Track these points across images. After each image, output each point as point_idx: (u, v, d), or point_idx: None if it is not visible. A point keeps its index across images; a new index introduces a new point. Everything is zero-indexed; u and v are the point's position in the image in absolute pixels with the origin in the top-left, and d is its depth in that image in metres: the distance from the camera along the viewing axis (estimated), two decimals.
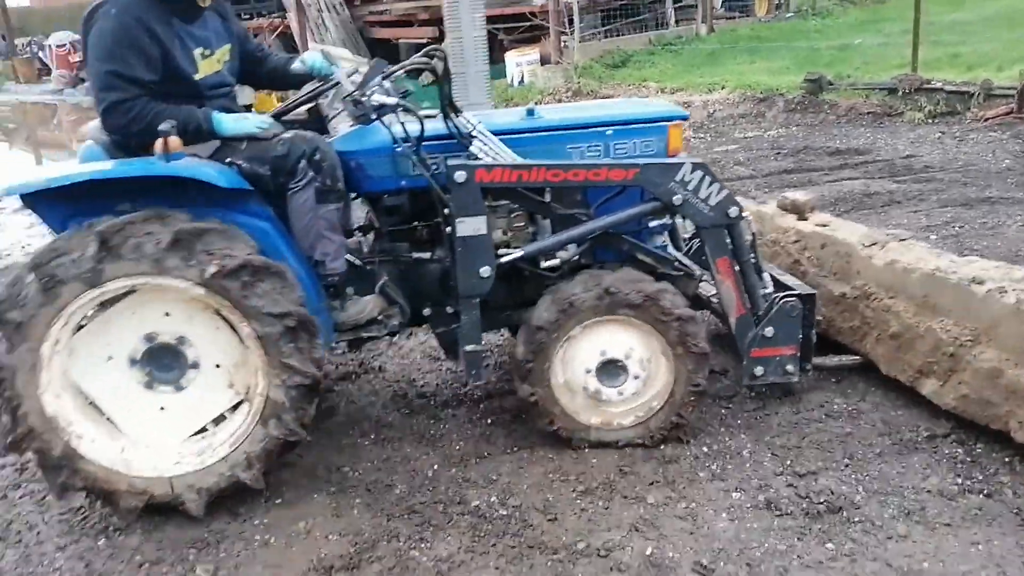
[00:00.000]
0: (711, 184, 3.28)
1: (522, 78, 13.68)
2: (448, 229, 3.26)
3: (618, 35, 15.05)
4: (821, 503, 2.93)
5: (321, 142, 3.22)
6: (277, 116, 3.54)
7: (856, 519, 2.85)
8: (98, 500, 3.10)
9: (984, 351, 3.20)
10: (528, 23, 14.16)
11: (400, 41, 15.55)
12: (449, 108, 3.28)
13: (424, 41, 13.62)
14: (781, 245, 4.26)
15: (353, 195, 3.47)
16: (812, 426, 3.47)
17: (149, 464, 3.04)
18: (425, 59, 3.28)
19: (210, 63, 3.21)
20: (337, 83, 3.37)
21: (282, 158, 3.13)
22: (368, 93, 3.10)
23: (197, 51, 3.15)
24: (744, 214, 3.40)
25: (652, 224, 3.55)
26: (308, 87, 3.64)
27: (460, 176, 3.15)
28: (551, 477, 3.20)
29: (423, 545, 2.87)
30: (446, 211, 3.24)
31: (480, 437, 3.55)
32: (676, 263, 3.55)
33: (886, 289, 3.67)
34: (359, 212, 3.67)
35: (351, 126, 3.36)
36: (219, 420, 3.13)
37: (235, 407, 3.11)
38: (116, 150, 3.14)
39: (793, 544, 2.76)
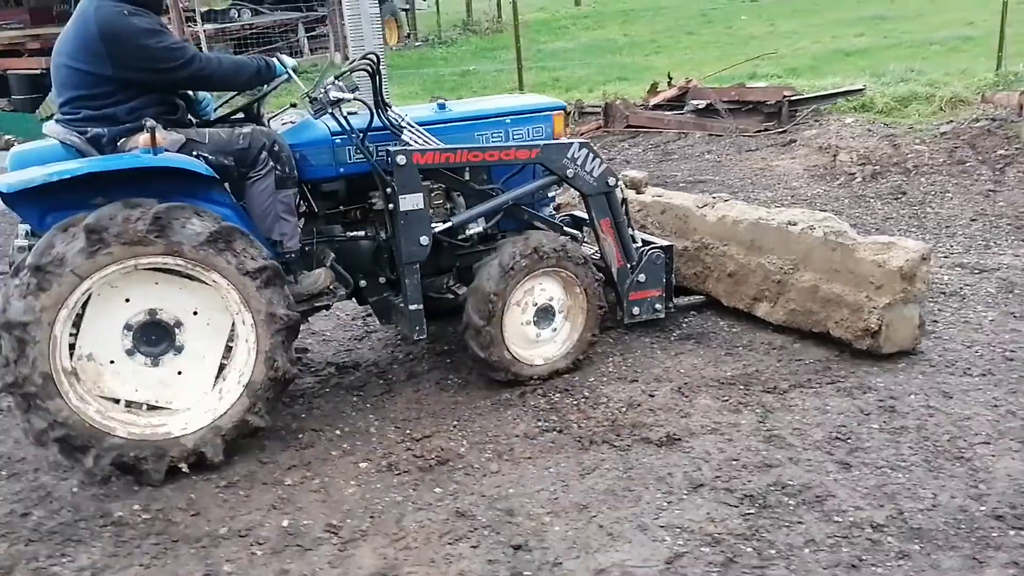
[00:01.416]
0: (594, 159, 4.15)
1: None
2: (391, 206, 3.82)
3: None
4: (433, 458, 3.49)
5: (277, 135, 3.71)
6: (222, 118, 3.96)
7: (460, 466, 3.45)
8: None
9: (803, 275, 4.28)
10: None
11: (8, 72, 14.06)
12: (381, 104, 3.86)
13: (38, 72, 12.60)
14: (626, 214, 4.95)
15: None
16: (430, 399, 4.06)
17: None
18: (365, 61, 3.86)
19: None
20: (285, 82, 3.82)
21: (244, 150, 3.58)
22: (324, 90, 3.62)
23: None
24: (619, 183, 4.23)
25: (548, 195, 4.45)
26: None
27: (401, 159, 3.74)
28: (194, 478, 3.41)
29: (64, 560, 2.96)
30: (388, 191, 3.80)
31: None
32: (563, 228, 4.38)
33: (720, 239, 4.70)
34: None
35: (285, 124, 3.96)
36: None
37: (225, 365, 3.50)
38: (86, 146, 3.40)
39: (409, 494, 3.27)
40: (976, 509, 2.92)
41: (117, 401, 3.36)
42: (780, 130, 9.33)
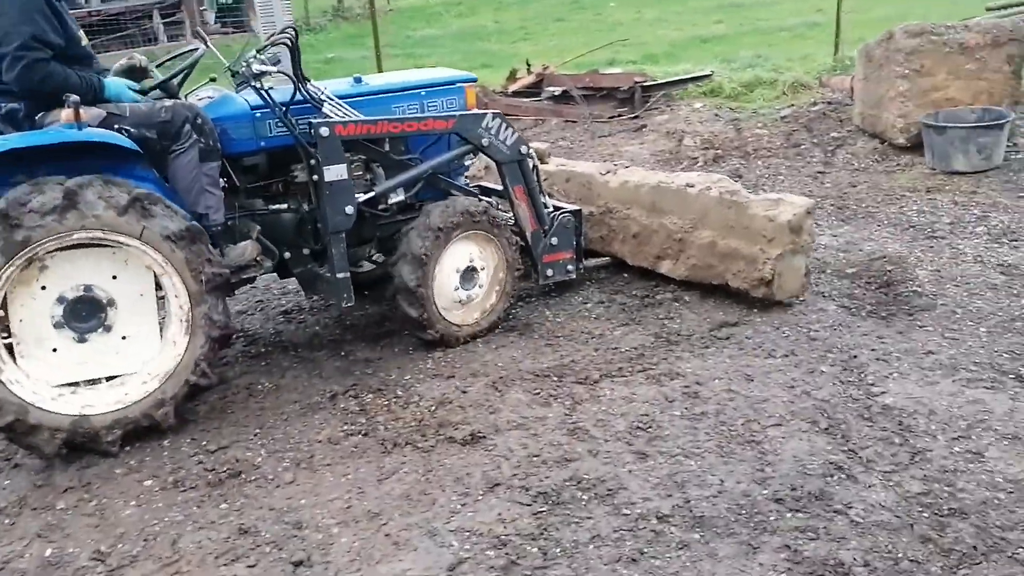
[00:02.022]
0: (507, 129, 4.31)
1: None
2: (315, 178, 3.89)
3: (106, 51, 14.28)
4: (224, 471, 3.31)
5: (199, 108, 3.68)
6: (140, 93, 3.82)
7: (252, 478, 3.28)
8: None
9: (702, 232, 4.56)
10: None
11: None
12: (301, 77, 3.89)
13: None
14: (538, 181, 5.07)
15: None
16: (235, 407, 3.85)
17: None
18: (284, 35, 3.93)
19: (82, 34, 3.66)
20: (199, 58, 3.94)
21: (167, 123, 3.56)
22: (246, 64, 3.71)
23: (75, 23, 3.60)
24: (531, 151, 4.40)
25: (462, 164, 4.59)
26: (178, 64, 4.02)
27: (324, 131, 3.80)
28: None
29: None
30: (312, 162, 3.86)
31: None
32: (478, 196, 4.49)
33: (623, 203, 4.93)
34: None
35: (202, 100, 3.93)
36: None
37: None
38: (2, 124, 3.43)
39: (192, 512, 3.08)
40: (759, 493, 2.96)
41: (68, 384, 3.42)
42: (633, 115, 9.43)
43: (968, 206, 5.84)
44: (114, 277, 3.44)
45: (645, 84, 9.67)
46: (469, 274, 4.27)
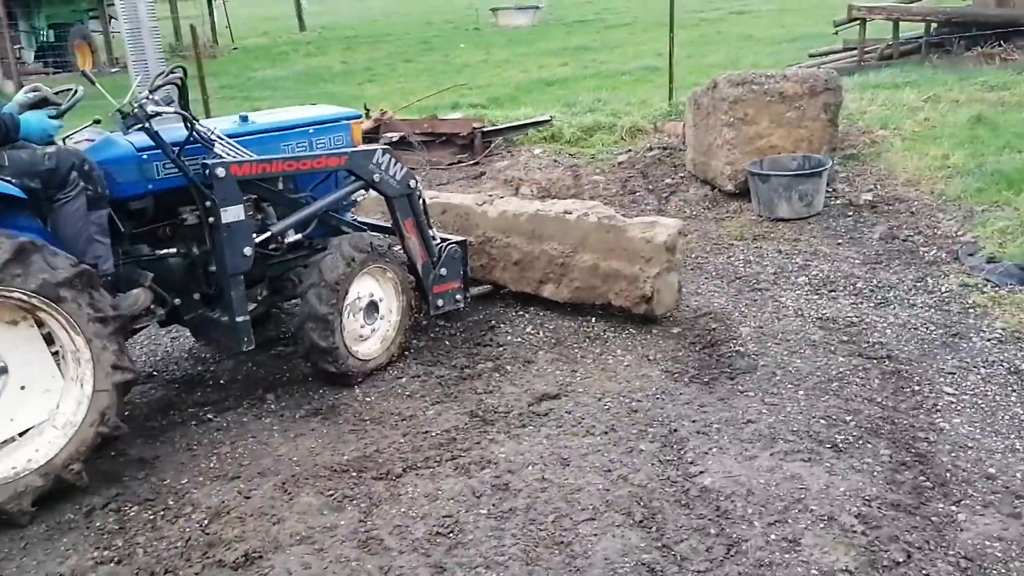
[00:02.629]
0: (396, 164, 4.32)
1: None
2: (211, 219, 3.77)
3: None
4: None
5: (85, 153, 3.51)
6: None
7: None
8: None
9: (583, 255, 4.80)
10: None
11: None
12: (190, 117, 3.75)
13: None
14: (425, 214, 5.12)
15: None
16: None
17: None
18: (175, 75, 3.82)
19: None
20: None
21: (52, 171, 3.33)
22: (138, 104, 3.54)
23: None
24: (419, 184, 4.44)
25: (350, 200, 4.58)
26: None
27: (220, 171, 3.69)
28: None
29: None
30: (208, 204, 3.72)
31: None
32: (367, 232, 4.46)
33: (502, 232, 5.11)
34: None
35: (80, 143, 3.74)
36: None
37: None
38: None
39: None
40: None
41: None
42: (472, 162, 9.21)
43: (791, 254, 5.86)
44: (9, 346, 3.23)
45: (485, 130, 9.48)
46: (371, 308, 4.29)
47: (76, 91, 3.75)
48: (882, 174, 7.34)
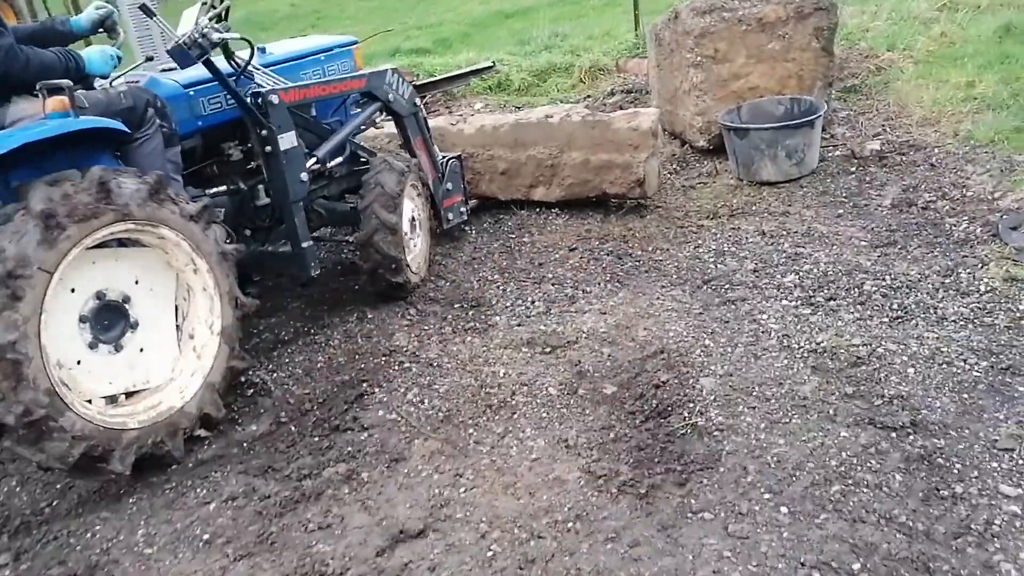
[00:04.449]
0: (404, 83, 4.42)
1: None
2: (267, 149, 3.74)
3: None
4: None
5: (154, 90, 3.44)
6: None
7: None
8: None
9: (572, 154, 5.03)
10: None
11: None
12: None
13: None
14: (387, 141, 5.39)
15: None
16: None
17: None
18: (226, 2, 3.51)
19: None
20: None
21: (130, 109, 3.27)
22: (200, 34, 3.25)
23: None
24: (420, 103, 4.52)
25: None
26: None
27: (275, 99, 3.71)
28: None
29: None
30: (264, 133, 3.71)
31: None
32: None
33: (483, 146, 5.24)
34: None
35: (130, 84, 3.56)
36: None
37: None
38: None
39: None
40: None
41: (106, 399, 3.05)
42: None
43: (777, 238, 4.48)
44: (135, 282, 3.17)
45: (418, 83, 8.00)
46: (413, 223, 4.35)
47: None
48: (891, 112, 5.88)
